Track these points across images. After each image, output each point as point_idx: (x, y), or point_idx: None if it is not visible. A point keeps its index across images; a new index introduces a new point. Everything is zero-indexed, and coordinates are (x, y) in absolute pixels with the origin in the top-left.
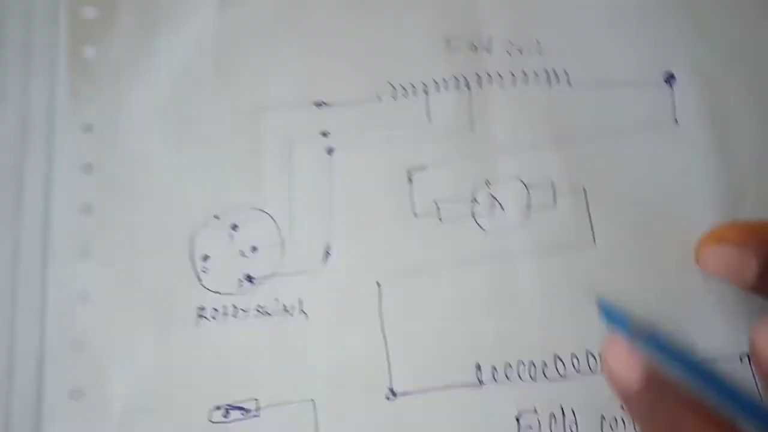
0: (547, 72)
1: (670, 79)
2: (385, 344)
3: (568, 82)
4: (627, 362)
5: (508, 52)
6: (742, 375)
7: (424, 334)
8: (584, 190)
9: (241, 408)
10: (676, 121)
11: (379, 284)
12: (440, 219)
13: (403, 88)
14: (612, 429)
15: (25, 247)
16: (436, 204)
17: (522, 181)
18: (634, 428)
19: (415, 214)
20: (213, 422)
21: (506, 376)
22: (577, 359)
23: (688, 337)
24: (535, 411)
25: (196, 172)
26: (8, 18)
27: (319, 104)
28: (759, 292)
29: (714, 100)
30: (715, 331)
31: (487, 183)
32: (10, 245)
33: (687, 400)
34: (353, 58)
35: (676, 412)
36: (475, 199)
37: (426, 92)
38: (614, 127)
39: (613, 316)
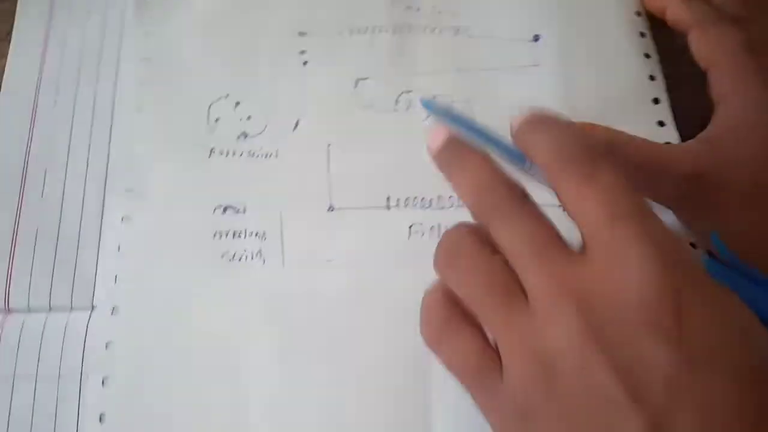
0: (455, 28)
1: (536, 37)
2: (329, 177)
3: (469, 35)
4: (436, 131)
5: (432, 12)
6: None
7: (355, 174)
8: (470, 101)
9: (233, 207)
10: (537, 64)
11: (329, 144)
12: (374, 111)
13: (358, 29)
14: None
15: (102, 98)
16: (372, 101)
17: (431, 93)
18: None
19: (358, 107)
20: (213, 214)
21: (405, 204)
22: (455, 198)
23: None
24: (422, 224)
25: (216, 65)
26: None
27: (301, 33)
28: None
29: (564, 53)
30: None
31: (407, 91)
32: (91, 95)
33: (473, 150)
34: (326, 7)
35: (465, 156)
36: (397, 101)
37: (372, 32)
38: (496, 65)
39: (430, 105)
